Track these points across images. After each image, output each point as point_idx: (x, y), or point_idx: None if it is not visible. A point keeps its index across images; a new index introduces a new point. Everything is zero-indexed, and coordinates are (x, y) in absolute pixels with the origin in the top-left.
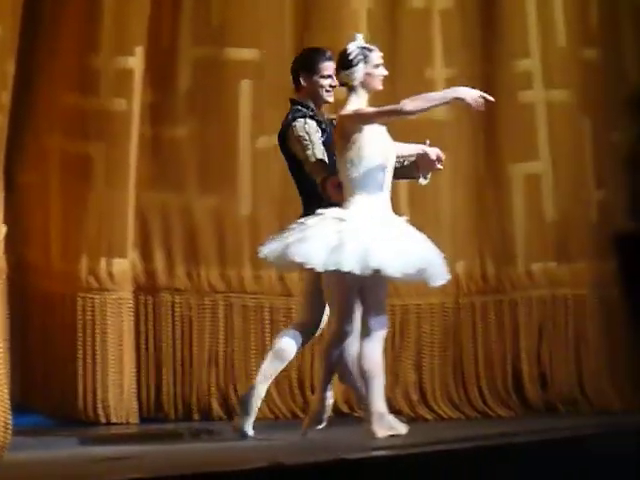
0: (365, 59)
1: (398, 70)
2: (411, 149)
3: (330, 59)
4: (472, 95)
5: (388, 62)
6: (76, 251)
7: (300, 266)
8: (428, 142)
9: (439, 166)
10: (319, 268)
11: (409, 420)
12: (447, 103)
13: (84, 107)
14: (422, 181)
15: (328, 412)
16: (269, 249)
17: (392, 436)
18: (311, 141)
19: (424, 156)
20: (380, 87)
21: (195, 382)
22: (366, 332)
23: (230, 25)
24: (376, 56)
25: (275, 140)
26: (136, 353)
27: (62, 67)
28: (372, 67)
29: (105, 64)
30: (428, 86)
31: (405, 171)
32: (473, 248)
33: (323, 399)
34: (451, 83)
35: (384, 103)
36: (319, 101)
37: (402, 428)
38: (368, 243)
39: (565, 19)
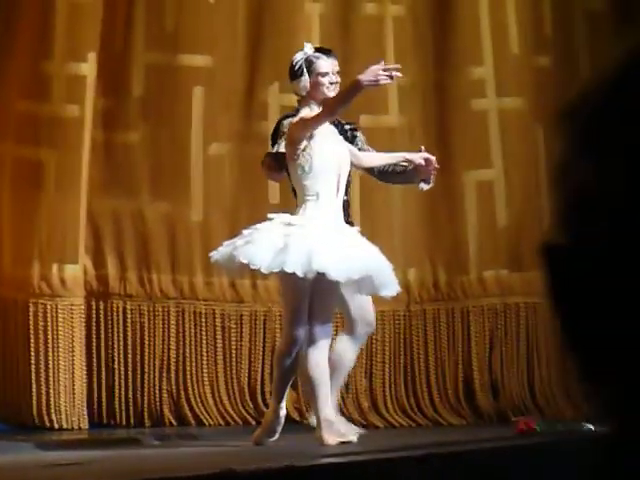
0: (309, 68)
1: (351, 76)
2: (395, 157)
3: (328, 56)
4: (373, 73)
5: (341, 68)
6: (28, 257)
7: (247, 268)
8: (423, 148)
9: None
10: (263, 270)
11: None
12: (360, 91)
13: (36, 113)
14: (423, 186)
15: (281, 424)
16: (219, 253)
17: (342, 443)
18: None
19: (419, 165)
20: (330, 95)
21: (147, 388)
22: (311, 340)
23: (183, 31)
24: (323, 64)
25: (227, 147)
26: (88, 359)
27: (14, 73)
28: (317, 76)
29: (57, 70)
30: (381, 92)
31: (407, 177)
32: (425, 255)
33: (277, 410)
34: (404, 89)
35: None
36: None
37: (352, 435)
38: (313, 246)
39: (518, 26)
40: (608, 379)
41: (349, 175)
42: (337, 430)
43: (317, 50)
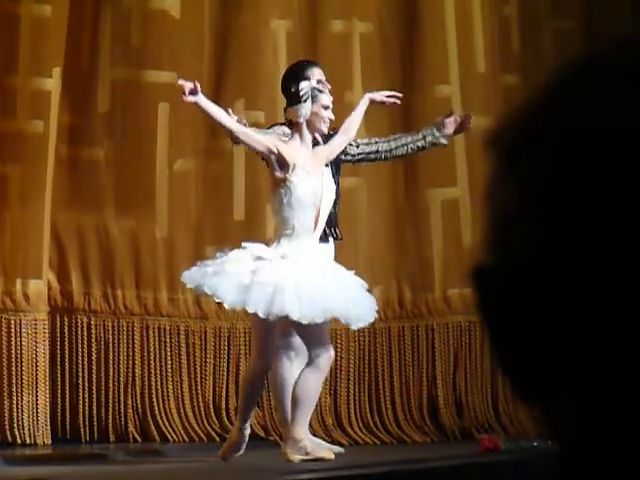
0: (314, 98)
1: None
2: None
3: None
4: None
5: None
6: None
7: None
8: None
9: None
10: (226, 305)
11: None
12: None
13: (1, 129)
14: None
15: (246, 441)
16: (189, 276)
17: (309, 461)
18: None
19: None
20: (325, 131)
21: (111, 404)
22: (310, 361)
23: (149, 47)
24: (327, 99)
25: (193, 163)
26: (52, 374)
27: None
28: (321, 108)
29: (22, 85)
30: (348, 110)
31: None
32: (390, 273)
33: (242, 429)
34: (370, 108)
35: None
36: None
37: (321, 453)
38: (278, 287)
39: (485, 44)
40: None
41: (337, 193)
42: (304, 448)
43: (319, 82)
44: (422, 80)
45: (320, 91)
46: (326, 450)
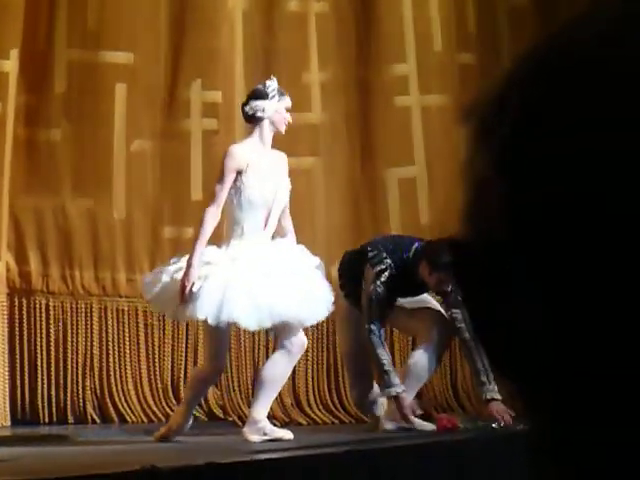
0: (280, 97)
1: (274, 73)
2: None
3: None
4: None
5: (264, 65)
6: None
7: None
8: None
9: None
10: (177, 319)
11: (283, 425)
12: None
13: None
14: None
15: (190, 423)
16: (147, 283)
17: (269, 441)
18: None
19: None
20: (283, 131)
21: (70, 385)
22: (281, 346)
23: (106, 28)
24: (289, 101)
25: (150, 144)
26: (10, 356)
27: None
28: (284, 108)
29: None
30: (304, 90)
31: None
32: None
33: (187, 417)
34: (327, 86)
35: None
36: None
37: (279, 433)
38: (226, 294)
39: (441, 23)
40: (515, 377)
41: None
42: (262, 428)
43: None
44: (378, 59)
45: (283, 93)
46: (284, 430)
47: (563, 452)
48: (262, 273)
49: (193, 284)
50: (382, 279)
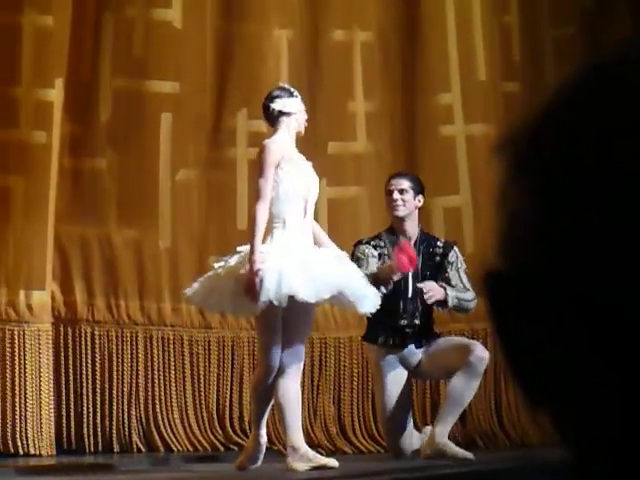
0: (300, 97)
1: (319, 102)
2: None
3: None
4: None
5: (309, 94)
6: None
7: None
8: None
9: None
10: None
11: (328, 454)
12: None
13: (3, 139)
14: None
15: (263, 451)
16: (192, 291)
17: (314, 469)
18: None
19: None
20: (302, 131)
21: (115, 414)
22: (281, 368)
23: (151, 58)
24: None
25: (195, 173)
26: (56, 385)
27: None
28: (303, 110)
29: (25, 96)
30: (350, 119)
31: None
32: None
33: (257, 438)
34: (372, 116)
35: (306, 135)
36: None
37: (323, 460)
38: (281, 271)
39: (486, 52)
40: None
41: None
42: (304, 454)
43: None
44: (423, 88)
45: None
46: (329, 458)
47: (594, 475)
48: (313, 252)
49: (262, 281)
50: None
